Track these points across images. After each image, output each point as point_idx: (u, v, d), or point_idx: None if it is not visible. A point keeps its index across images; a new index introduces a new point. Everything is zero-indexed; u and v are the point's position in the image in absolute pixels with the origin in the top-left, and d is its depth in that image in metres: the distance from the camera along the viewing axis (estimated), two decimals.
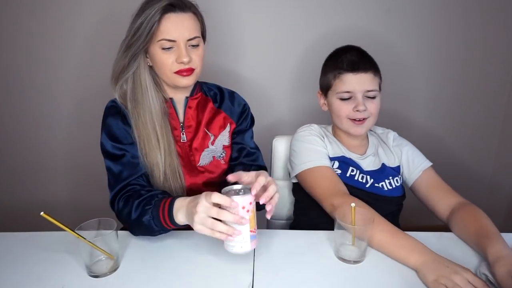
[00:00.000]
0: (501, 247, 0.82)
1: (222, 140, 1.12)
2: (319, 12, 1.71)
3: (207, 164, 1.09)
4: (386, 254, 0.90)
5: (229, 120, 1.13)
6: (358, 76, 1.08)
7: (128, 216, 0.91)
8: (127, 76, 1.01)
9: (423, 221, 1.09)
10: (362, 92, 1.08)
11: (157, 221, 0.87)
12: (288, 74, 1.81)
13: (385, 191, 1.11)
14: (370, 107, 1.09)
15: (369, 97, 1.10)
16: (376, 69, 1.12)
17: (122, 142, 1.00)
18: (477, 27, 1.77)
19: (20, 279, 0.84)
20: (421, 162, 1.15)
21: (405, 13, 1.73)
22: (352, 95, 1.09)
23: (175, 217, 0.85)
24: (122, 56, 1.00)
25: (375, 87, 1.10)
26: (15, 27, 1.66)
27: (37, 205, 1.88)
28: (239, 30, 1.72)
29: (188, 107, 1.09)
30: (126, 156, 0.99)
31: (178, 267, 0.87)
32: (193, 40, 0.99)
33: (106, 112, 1.04)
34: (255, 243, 0.81)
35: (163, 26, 0.95)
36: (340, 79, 1.10)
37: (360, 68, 1.08)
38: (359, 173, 1.11)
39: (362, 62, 1.09)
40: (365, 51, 1.14)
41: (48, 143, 1.86)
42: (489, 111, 1.93)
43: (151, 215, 0.88)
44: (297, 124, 1.23)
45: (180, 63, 0.98)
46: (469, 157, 2.01)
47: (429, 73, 1.84)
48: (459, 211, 1.01)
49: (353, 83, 1.08)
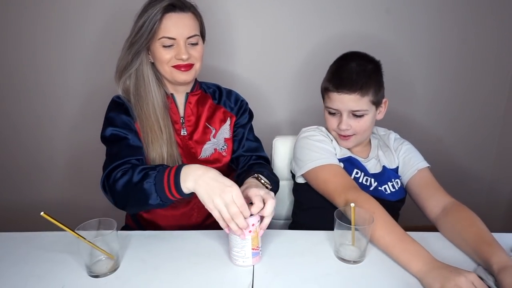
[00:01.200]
0: (504, 256, 0.82)
1: (223, 133, 1.17)
2: (318, 12, 1.71)
3: (208, 156, 1.14)
4: (390, 256, 0.89)
5: (229, 114, 1.19)
6: (342, 96, 1.07)
7: (127, 184, 0.88)
8: (130, 72, 1.07)
9: (423, 221, 1.08)
10: (347, 111, 1.08)
11: (159, 187, 0.84)
12: (288, 74, 1.81)
13: (388, 195, 1.11)
14: (355, 125, 1.09)
15: (356, 115, 1.09)
16: (367, 89, 1.06)
17: (124, 128, 1.03)
18: (477, 27, 1.77)
19: (20, 279, 0.84)
20: (418, 162, 1.14)
21: (404, 13, 1.73)
22: (338, 112, 1.10)
23: (183, 182, 0.81)
24: (125, 53, 1.06)
25: (361, 107, 1.07)
26: (18, 27, 1.66)
27: (37, 205, 1.88)
28: (238, 30, 1.72)
29: (188, 103, 1.14)
30: (127, 139, 1.01)
31: (178, 267, 0.87)
32: (192, 38, 1.04)
33: (109, 108, 1.08)
34: (258, 259, 0.88)
35: (164, 24, 1.01)
36: (327, 95, 1.11)
37: (345, 88, 1.06)
38: (363, 176, 1.12)
39: (350, 82, 1.06)
40: (367, 61, 1.10)
41: (49, 143, 1.86)
42: (489, 111, 1.93)
43: (154, 181, 0.84)
44: (297, 124, 1.24)
45: (179, 59, 1.03)
46: (468, 157, 2.01)
47: (429, 73, 1.84)
48: (451, 213, 0.99)
49: (337, 101, 1.08)
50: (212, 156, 1.15)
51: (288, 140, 1.30)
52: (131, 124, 1.05)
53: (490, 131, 1.97)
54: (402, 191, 1.15)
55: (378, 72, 1.11)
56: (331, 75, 1.11)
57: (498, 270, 0.79)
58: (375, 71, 1.10)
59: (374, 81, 1.08)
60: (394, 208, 1.12)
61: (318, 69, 1.20)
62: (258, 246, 0.86)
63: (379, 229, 0.90)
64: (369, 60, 1.12)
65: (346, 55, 1.13)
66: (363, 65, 1.09)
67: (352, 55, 1.13)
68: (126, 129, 1.03)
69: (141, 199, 0.87)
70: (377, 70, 1.11)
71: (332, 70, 1.13)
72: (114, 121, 1.04)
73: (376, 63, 1.12)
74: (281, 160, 1.32)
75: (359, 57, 1.11)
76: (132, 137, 1.03)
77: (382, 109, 1.15)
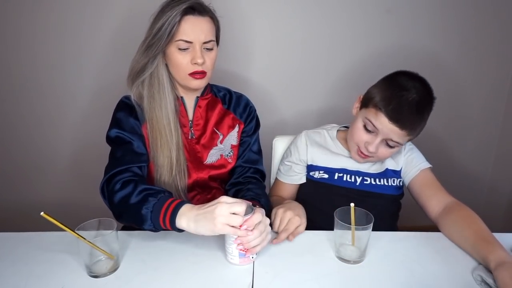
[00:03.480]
0: (503, 253, 0.82)
1: (230, 140, 1.15)
2: (322, 14, 1.71)
3: (214, 162, 1.13)
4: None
5: (237, 121, 1.16)
6: (391, 127, 1.01)
7: (125, 200, 0.89)
8: (145, 75, 1.04)
9: (423, 221, 1.09)
10: (386, 138, 1.04)
11: (155, 216, 0.85)
12: (291, 74, 1.80)
13: (375, 186, 1.12)
14: (382, 153, 1.07)
15: (389, 145, 1.06)
16: (417, 130, 1.05)
17: (130, 132, 1.03)
18: (477, 26, 1.77)
19: (20, 279, 0.84)
20: (420, 162, 1.15)
21: (404, 13, 1.73)
22: (375, 132, 1.05)
23: (178, 220, 0.83)
24: (142, 56, 1.03)
25: (401, 141, 1.04)
26: (19, 27, 1.66)
27: (37, 205, 1.88)
28: (241, 30, 1.72)
29: (198, 106, 1.13)
30: (131, 144, 1.02)
31: (178, 268, 0.87)
32: (208, 44, 1.02)
33: (117, 107, 1.08)
34: (246, 261, 0.87)
35: (182, 27, 0.99)
36: (375, 112, 1.03)
37: (399, 123, 1.00)
38: (346, 175, 1.14)
39: (407, 121, 1.01)
40: (428, 96, 1.04)
41: (49, 143, 1.86)
42: (489, 111, 1.93)
43: (152, 208, 0.86)
44: (297, 124, 1.23)
45: (194, 64, 1.01)
46: (468, 157, 2.01)
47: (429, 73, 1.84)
48: (452, 212, 1.00)
49: (383, 127, 1.02)
50: (218, 161, 1.13)
51: (288, 140, 1.30)
52: (138, 128, 1.04)
53: (490, 131, 1.97)
54: (396, 188, 1.14)
55: (431, 111, 1.07)
56: (388, 100, 1.02)
57: (495, 267, 0.79)
58: (429, 110, 1.06)
59: (425, 121, 1.06)
60: (387, 200, 1.13)
61: (320, 70, 1.20)
62: (247, 248, 0.85)
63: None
64: (429, 93, 1.05)
65: (408, 81, 1.04)
66: (423, 102, 1.03)
67: (414, 83, 1.04)
68: (132, 133, 1.03)
69: (136, 220, 0.88)
70: (431, 107, 1.06)
71: (391, 93, 1.03)
72: (121, 122, 1.03)
73: (433, 98, 1.06)
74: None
75: (422, 88, 1.04)
76: (137, 142, 1.02)
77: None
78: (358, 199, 1.03)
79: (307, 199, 1.16)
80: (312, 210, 1.08)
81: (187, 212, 0.83)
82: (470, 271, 0.85)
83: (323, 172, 1.16)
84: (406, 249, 0.94)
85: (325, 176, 1.15)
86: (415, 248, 0.94)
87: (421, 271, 0.86)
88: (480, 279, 0.81)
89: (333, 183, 1.14)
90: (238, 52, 1.75)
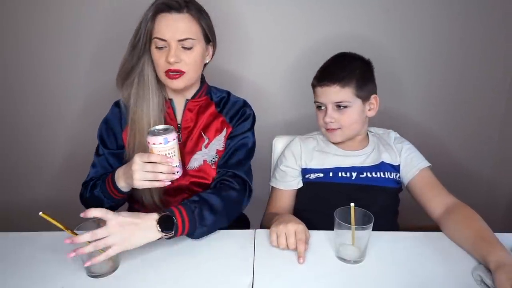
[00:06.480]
0: (503, 254, 0.82)
1: (216, 145, 1.11)
2: (321, 13, 1.71)
3: (196, 167, 1.08)
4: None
5: (226, 125, 1.11)
6: (324, 89, 1.12)
7: (90, 197, 1.05)
8: (134, 75, 1.04)
9: (424, 221, 1.08)
10: (331, 103, 1.12)
11: (105, 191, 1.00)
12: (289, 73, 1.80)
13: (372, 179, 1.12)
14: (339, 118, 1.12)
15: (339, 107, 1.12)
16: (348, 81, 1.09)
17: (106, 146, 1.11)
18: (477, 26, 1.77)
19: (19, 279, 0.84)
20: (419, 161, 1.15)
21: (404, 13, 1.73)
22: (323, 105, 1.14)
23: (118, 184, 0.96)
24: (129, 56, 1.03)
25: (343, 98, 1.10)
26: (17, 27, 1.66)
27: (35, 205, 1.87)
28: (239, 29, 1.72)
29: (188, 110, 1.10)
30: (102, 158, 1.10)
31: (177, 268, 0.87)
32: (185, 42, 0.98)
33: (110, 111, 1.13)
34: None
35: (156, 25, 0.99)
36: (314, 91, 1.17)
37: (325, 80, 1.11)
38: (341, 172, 1.14)
39: (330, 74, 1.11)
40: (349, 57, 1.16)
41: (47, 143, 1.85)
42: (488, 110, 1.93)
43: (100, 188, 1.02)
44: (297, 124, 1.23)
45: (167, 62, 0.99)
46: (468, 156, 2.01)
47: (429, 73, 1.84)
48: (454, 212, 1.00)
49: (320, 94, 1.13)
50: (200, 168, 1.08)
51: (288, 140, 1.30)
52: (118, 137, 1.09)
53: (490, 131, 1.97)
54: (393, 181, 1.14)
55: (364, 68, 1.14)
56: (317, 72, 1.17)
57: (495, 268, 0.79)
58: (360, 66, 1.14)
59: (357, 74, 1.11)
60: (383, 193, 1.13)
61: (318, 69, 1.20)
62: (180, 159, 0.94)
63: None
64: (356, 57, 1.16)
65: (335, 55, 1.18)
66: (347, 61, 1.14)
67: (341, 54, 1.18)
68: (109, 148, 1.10)
69: (97, 204, 0.93)
70: (363, 66, 1.15)
71: (320, 68, 1.18)
72: (102, 130, 1.12)
73: (363, 60, 1.16)
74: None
75: (346, 55, 1.17)
76: (110, 157, 1.10)
77: (374, 106, 1.16)
78: (356, 194, 1.04)
79: (306, 202, 1.16)
80: (312, 213, 1.08)
81: (120, 175, 0.96)
82: (470, 271, 0.85)
83: (318, 173, 1.16)
84: (406, 249, 0.94)
85: (321, 175, 1.15)
86: (415, 248, 0.94)
87: (421, 271, 0.86)
88: (480, 279, 0.81)
89: (329, 180, 1.14)
90: (238, 52, 1.75)
